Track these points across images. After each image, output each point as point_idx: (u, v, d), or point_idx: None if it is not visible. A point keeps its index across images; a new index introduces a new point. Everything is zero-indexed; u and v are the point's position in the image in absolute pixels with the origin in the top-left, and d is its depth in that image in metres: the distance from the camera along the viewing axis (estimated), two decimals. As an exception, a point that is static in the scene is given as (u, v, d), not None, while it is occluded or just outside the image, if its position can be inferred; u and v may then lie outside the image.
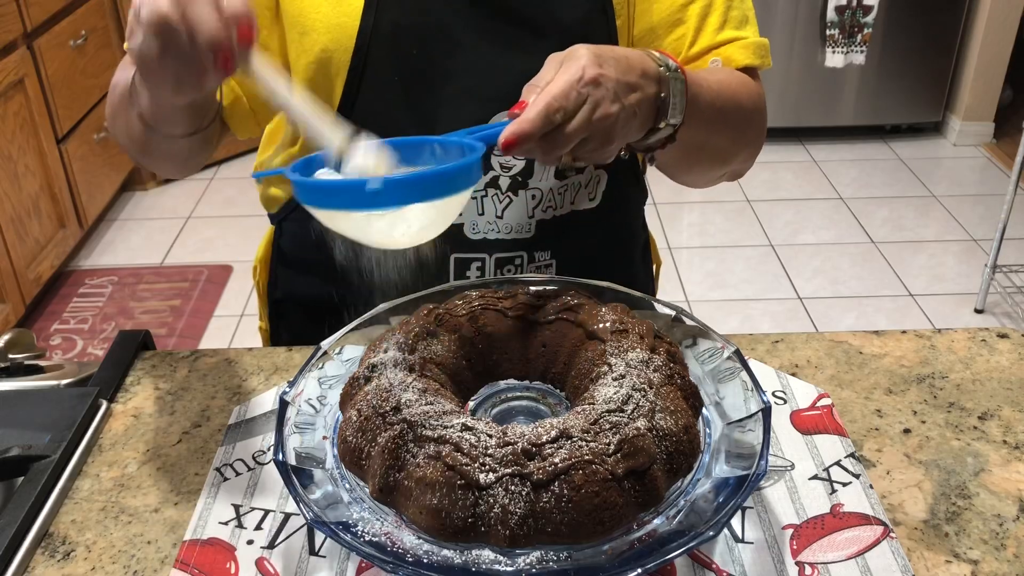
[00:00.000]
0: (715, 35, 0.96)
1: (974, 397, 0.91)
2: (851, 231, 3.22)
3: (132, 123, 0.90)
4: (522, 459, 0.63)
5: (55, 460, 0.81)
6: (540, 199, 1.00)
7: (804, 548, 0.74)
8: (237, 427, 0.88)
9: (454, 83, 0.94)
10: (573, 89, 0.71)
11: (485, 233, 1.00)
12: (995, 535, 0.75)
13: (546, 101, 0.70)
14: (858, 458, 0.83)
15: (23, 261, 2.66)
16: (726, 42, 0.97)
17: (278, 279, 1.15)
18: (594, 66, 0.73)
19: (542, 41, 0.93)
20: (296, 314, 1.15)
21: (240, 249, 3.15)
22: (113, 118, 0.96)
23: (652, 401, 0.68)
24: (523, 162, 0.97)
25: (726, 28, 0.97)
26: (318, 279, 1.09)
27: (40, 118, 2.78)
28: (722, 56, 0.97)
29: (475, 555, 0.63)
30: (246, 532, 0.76)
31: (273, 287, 1.16)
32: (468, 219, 0.99)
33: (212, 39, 0.67)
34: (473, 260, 1.01)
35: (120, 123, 0.94)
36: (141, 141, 0.92)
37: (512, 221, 1.00)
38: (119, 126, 0.95)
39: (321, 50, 0.93)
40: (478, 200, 0.98)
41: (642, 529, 0.65)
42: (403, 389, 0.70)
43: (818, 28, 3.55)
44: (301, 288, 1.13)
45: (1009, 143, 3.69)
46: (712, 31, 0.96)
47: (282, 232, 1.12)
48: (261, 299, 1.20)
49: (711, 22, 0.96)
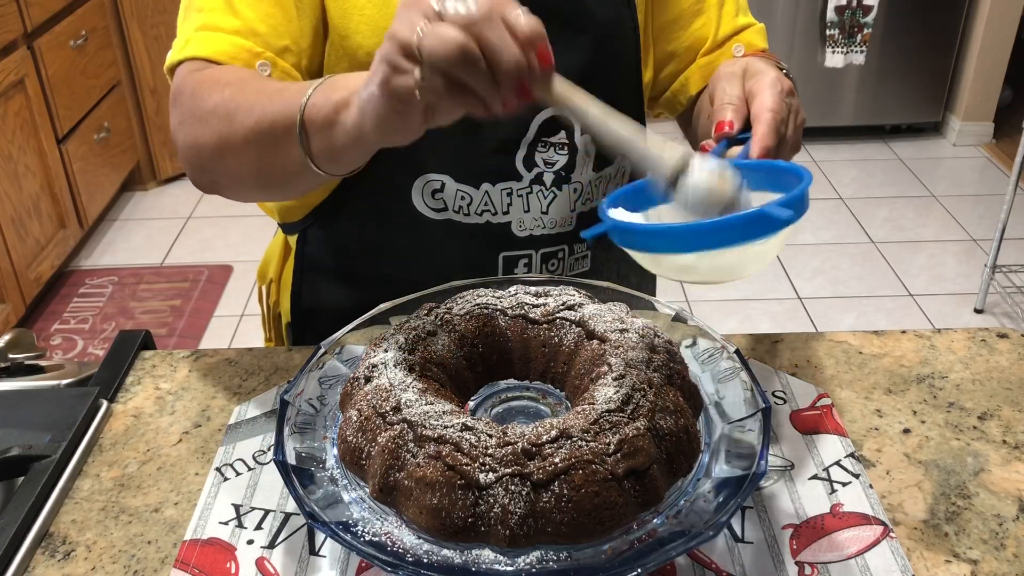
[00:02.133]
0: (733, 21, 1.02)
1: (974, 397, 0.91)
2: (851, 231, 3.22)
3: (280, 159, 0.78)
4: (522, 459, 0.63)
5: (55, 460, 0.81)
6: (581, 192, 1.02)
7: (804, 548, 0.74)
8: (237, 427, 0.88)
9: None
10: (782, 101, 0.77)
11: (531, 229, 1.01)
12: (995, 535, 0.75)
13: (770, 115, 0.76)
14: (858, 458, 0.83)
15: (23, 261, 2.66)
16: (743, 27, 1.02)
17: (303, 290, 1.09)
18: (779, 78, 0.79)
19: (578, 36, 0.95)
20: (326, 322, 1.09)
21: (240, 249, 3.15)
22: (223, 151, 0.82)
23: (652, 401, 0.68)
24: (566, 157, 0.99)
25: (739, 15, 1.03)
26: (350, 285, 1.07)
27: (40, 118, 2.78)
28: (743, 41, 1.02)
29: (475, 555, 0.63)
30: (246, 532, 0.76)
31: (297, 300, 1.10)
32: (515, 217, 1.00)
33: (515, 67, 0.60)
34: (520, 257, 1.02)
35: (245, 158, 0.81)
36: (283, 178, 0.81)
37: (556, 215, 1.01)
38: (238, 161, 0.82)
39: (365, 54, 0.90)
40: (524, 197, 0.99)
41: (642, 529, 0.65)
42: (403, 389, 0.70)
43: (818, 28, 3.55)
44: (329, 297, 1.09)
45: (1009, 143, 3.69)
46: (730, 18, 1.02)
47: (307, 240, 1.06)
48: (269, 319, 1.15)
49: (727, 10, 1.02)
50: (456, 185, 0.97)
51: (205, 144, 0.82)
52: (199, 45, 0.85)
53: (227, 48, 0.85)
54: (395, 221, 1.00)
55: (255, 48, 0.86)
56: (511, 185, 0.98)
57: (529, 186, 0.99)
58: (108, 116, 3.23)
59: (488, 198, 0.98)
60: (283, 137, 0.76)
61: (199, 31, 0.86)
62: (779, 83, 0.78)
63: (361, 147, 0.73)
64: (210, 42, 0.85)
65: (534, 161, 0.98)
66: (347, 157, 0.76)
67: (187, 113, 0.84)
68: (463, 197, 0.97)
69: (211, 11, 0.86)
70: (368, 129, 0.68)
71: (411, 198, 0.98)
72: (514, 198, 0.99)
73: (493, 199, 0.98)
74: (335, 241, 1.05)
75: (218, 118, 0.80)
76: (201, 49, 0.85)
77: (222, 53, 0.85)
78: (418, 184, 0.97)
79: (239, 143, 0.80)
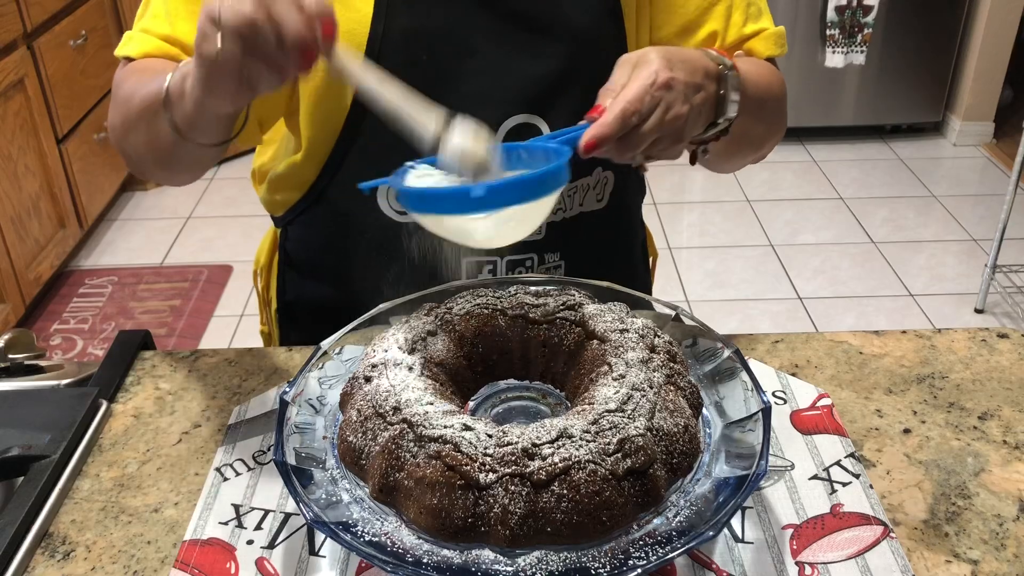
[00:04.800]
0: (740, 30, 1.01)
1: (974, 397, 0.91)
2: (851, 231, 3.22)
3: (158, 133, 0.86)
4: (522, 459, 0.63)
5: (55, 460, 0.81)
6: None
7: (804, 548, 0.74)
8: (237, 427, 0.88)
9: (465, 87, 0.94)
10: (647, 93, 0.76)
11: None
12: (995, 535, 0.75)
13: (622, 106, 0.75)
14: (858, 458, 0.83)
15: (23, 261, 2.66)
16: (752, 35, 1.01)
17: (286, 283, 1.15)
18: (665, 70, 0.77)
19: (553, 44, 0.94)
20: (306, 317, 1.15)
21: (240, 249, 3.15)
22: (127, 129, 0.92)
23: (652, 401, 0.68)
24: None
25: (748, 23, 1.01)
26: (326, 282, 1.09)
27: (40, 118, 2.78)
28: (746, 51, 1.01)
29: (475, 555, 0.63)
30: (246, 532, 0.76)
31: (282, 291, 1.16)
32: None
33: (298, 37, 0.68)
34: (485, 263, 1.02)
35: (138, 134, 0.90)
36: (166, 151, 0.89)
37: None
38: (135, 137, 0.91)
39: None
40: None
41: (642, 529, 0.65)
42: (403, 389, 0.70)
43: (818, 28, 3.55)
44: (310, 291, 1.12)
45: (1009, 143, 3.69)
46: (737, 28, 1.01)
47: (288, 236, 1.12)
48: (263, 304, 1.20)
49: (735, 20, 1.01)
50: None
51: (116, 126, 0.93)
52: (132, 46, 0.93)
53: (151, 50, 0.93)
54: (361, 223, 1.01)
55: (180, 56, 0.92)
56: None
57: None
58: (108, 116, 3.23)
59: None
60: (157, 110, 0.83)
61: (140, 32, 0.94)
62: (655, 75, 0.76)
63: (204, 113, 0.79)
64: (141, 43, 0.93)
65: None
66: (200, 124, 0.82)
67: (112, 102, 0.95)
68: None
69: (153, 16, 0.94)
70: (199, 94, 0.75)
71: (376, 201, 0.98)
72: None
73: None
74: (309, 239, 1.08)
75: (124, 101, 0.91)
76: (132, 50, 0.93)
77: (147, 54, 0.93)
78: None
79: (133, 120, 0.89)
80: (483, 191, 0.68)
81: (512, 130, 0.95)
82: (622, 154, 0.77)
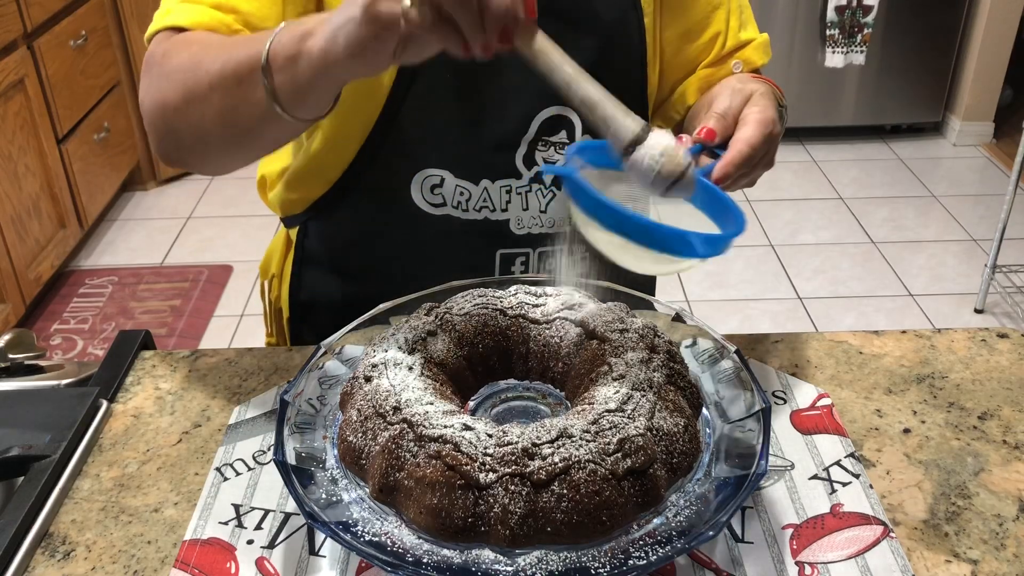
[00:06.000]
0: (736, 36, 1.03)
1: (974, 397, 0.91)
2: (851, 231, 3.22)
3: (243, 103, 0.78)
4: (522, 459, 0.63)
5: (55, 460, 0.81)
6: None
7: (804, 548, 0.74)
8: (237, 427, 0.88)
9: (502, 79, 0.95)
10: (765, 143, 0.81)
11: (529, 228, 1.01)
12: (995, 535, 0.75)
13: (749, 152, 0.79)
14: (858, 458, 0.83)
15: (23, 261, 2.66)
16: (745, 43, 1.03)
17: (302, 284, 1.12)
18: (780, 123, 0.84)
19: (582, 38, 0.95)
20: (323, 316, 1.12)
21: (240, 249, 3.15)
22: (190, 101, 0.81)
23: (652, 401, 0.68)
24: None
25: (742, 29, 1.03)
26: (349, 277, 1.08)
27: (40, 118, 2.78)
28: (742, 58, 1.02)
29: (475, 555, 0.63)
30: (246, 532, 0.76)
31: (295, 293, 1.12)
32: (513, 214, 1.00)
33: (504, 11, 0.64)
34: (518, 255, 1.02)
35: (208, 106, 0.80)
36: (246, 126, 0.80)
37: (555, 215, 1.01)
38: (203, 109, 0.81)
39: None
40: (523, 195, 1.00)
41: (642, 529, 0.65)
42: (403, 389, 0.70)
43: (818, 28, 3.55)
44: (330, 288, 1.10)
45: (1009, 143, 3.69)
46: (734, 33, 1.03)
47: (307, 233, 1.09)
48: (270, 315, 1.16)
49: (732, 25, 1.03)
50: (456, 181, 0.97)
51: (170, 99, 0.82)
52: (179, 15, 0.85)
53: (205, 20, 0.84)
54: (393, 215, 1.00)
55: (234, 25, 0.85)
56: (511, 183, 0.98)
57: (528, 184, 0.99)
58: (108, 116, 3.23)
59: (487, 195, 0.98)
60: (247, 78, 0.76)
61: (181, 2, 0.86)
62: (771, 125, 0.82)
63: (325, 78, 0.73)
64: (190, 13, 0.85)
65: (534, 160, 0.98)
66: (311, 92, 0.75)
67: (155, 75, 0.84)
68: (462, 193, 0.98)
69: None
70: (337, 55, 0.69)
71: (410, 192, 0.98)
72: (513, 196, 0.99)
73: (492, 196, 0.98)
74: (334, 234, 1.07)
75: (183, 71, 0.81)
76: (180, 19, 0.85)
77: (200, 24, 0.84)
78: (417, 178, 0.97)
79: (204, 91, 0.79)
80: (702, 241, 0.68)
81: (545, 122, 0.97)
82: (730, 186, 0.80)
